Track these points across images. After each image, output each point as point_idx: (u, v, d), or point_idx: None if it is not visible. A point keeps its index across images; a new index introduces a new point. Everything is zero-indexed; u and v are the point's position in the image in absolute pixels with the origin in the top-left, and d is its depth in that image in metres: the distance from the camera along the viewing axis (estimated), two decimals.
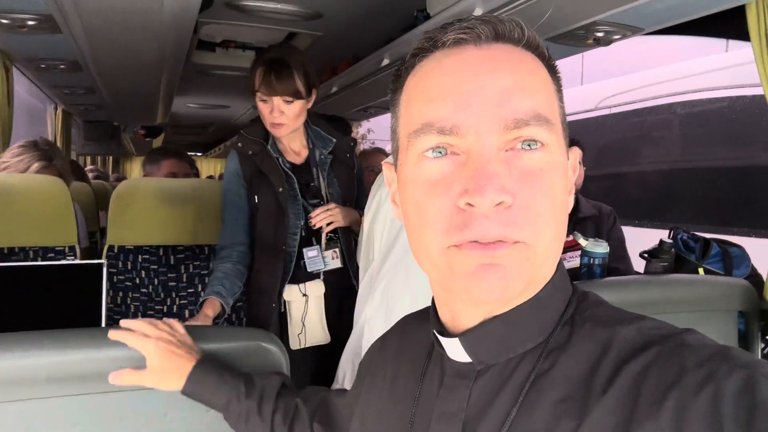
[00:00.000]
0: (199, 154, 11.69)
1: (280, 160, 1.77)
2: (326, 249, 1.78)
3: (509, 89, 0.50)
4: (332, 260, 1.78)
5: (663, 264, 1.57)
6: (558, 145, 0.52)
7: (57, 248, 1.80)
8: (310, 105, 1.73)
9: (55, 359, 0.93)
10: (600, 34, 1.84)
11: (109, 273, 1.70)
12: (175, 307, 1.94)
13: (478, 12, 1.75)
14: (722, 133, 4.05)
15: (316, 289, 1.76)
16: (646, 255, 1.60)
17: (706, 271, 1.67)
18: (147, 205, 1.92)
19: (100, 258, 2.00)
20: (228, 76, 3.49)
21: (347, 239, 1.83)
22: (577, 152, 0.59)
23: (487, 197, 0.47)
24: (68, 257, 1.79)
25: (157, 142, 6.04)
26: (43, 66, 2.61)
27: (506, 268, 0.49)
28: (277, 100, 1.66)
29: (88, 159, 6.03)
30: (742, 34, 1.48)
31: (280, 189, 1.74)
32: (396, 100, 0.59)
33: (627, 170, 4.62)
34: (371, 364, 0.74)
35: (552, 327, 0.55)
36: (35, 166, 2.06)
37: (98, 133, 4.76)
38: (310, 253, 1.75)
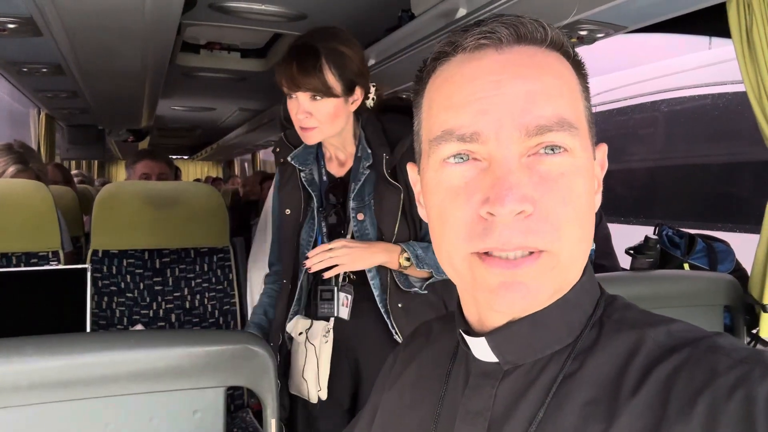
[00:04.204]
0: (185, 157, 11.62)
1: (316, 171, 1.53)
2: (340, 290, 1.47)
3: (531, 95, 0.49)
4: (342, 306, 1.46)
5: (648, 260, 1.59)
6: (582, 148, 0.52)
7: (40, 253, 1.78)
8: (354, 105, 1.41)
9: (37, 366, 0.91)
10: (583, 33, 1.85)
11: (93, 278, 1.68)
12: (161, 311, 1.93)
13: (461, 12, 1.75)
14: (706, 129, 4.09)
15: (322, 330, 1.46)
16: (631, 251, 1.61)
17: (692, 267, 1.69)
18: (131, 209, 1.91)
19: (85, 263, 1.98)
20: (213, 78, 3.47)
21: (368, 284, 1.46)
22: (604, 148, 0.59)
23: (507, 207, 0.47)
24: (52, 262, 1.77)
25: (143, 145, 6.00)
26: (25, 69, 2.58)
27: (528, 285, 0.49)
28: (303, 97, 1.35)
29: (73, 163, 5.97)
30: (724, 32, 1.49)
31: (288, 210, 1.51)
32: (418, 102, 0.59)
33: (613, 168, 4.65)
34: (393, 367, 0.72)
35: (580, 329, 0.54)
36: (11, 169, 2.04)
37: (82, 138, 4.71)
38: (324, 295, 1.47)
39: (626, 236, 2.08)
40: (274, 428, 1.07)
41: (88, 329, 1.41)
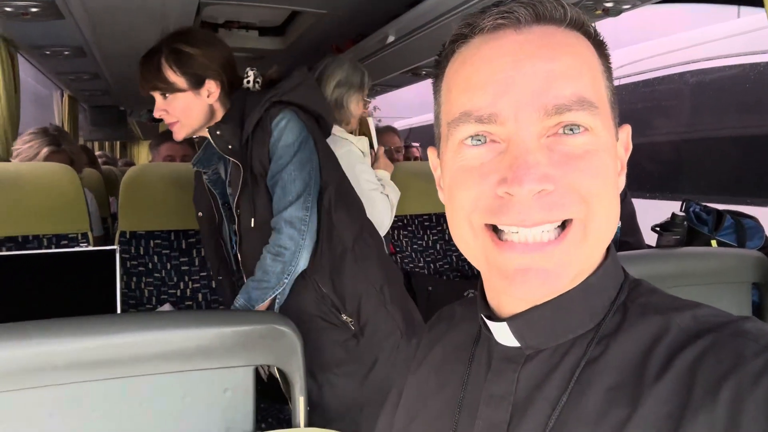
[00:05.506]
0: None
1: (222, 168, 1.58)
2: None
3: (550, 74, 0.49)
4: None
5: (675, 237, 1.56)
6: (604, 126, 0.51)
7: (70, 235, 1.82)
8: (212, 98, 1.48)
9: (73, 346, 0.94)
10: (609, 4, 1.81)
11: (122, 258, 1.72)
12: (188, 290, 1.97)
13: None
14: (736, 101, 3.98)
15: None
16: (658, 228, 1.59)
17: (719, 243, 1.66)
18: (157, 191, 1.94)
19: (113, 244, 2.02)
20: None
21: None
22: (628, 129, 0.57)
23: (525, 187, 0.47)
24: (81, 244, 1.81)
25: (163, 125, 6.03)
26: (47, 53, 2.61)
27: (550, 270, 0.49)
28: (156, 97, 1.47)
29: (96, 144, 6.04)
30: (754, 0, 1.44)
31: (200, 213, 1.63)
32: (437, 86, 0.58)
33: (639, 141, 4.56)
34: (417, 351, 0.73)
35: (603, 313, 0.54)
36: (45, 150, 2.09)
37: (104, 119, 4.76)
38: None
39: (652, 210, 2.06)
40: (302, 405, 1.09)
41: (119, 309, 1.45)
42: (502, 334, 0.56)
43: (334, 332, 1.47)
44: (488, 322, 0.58)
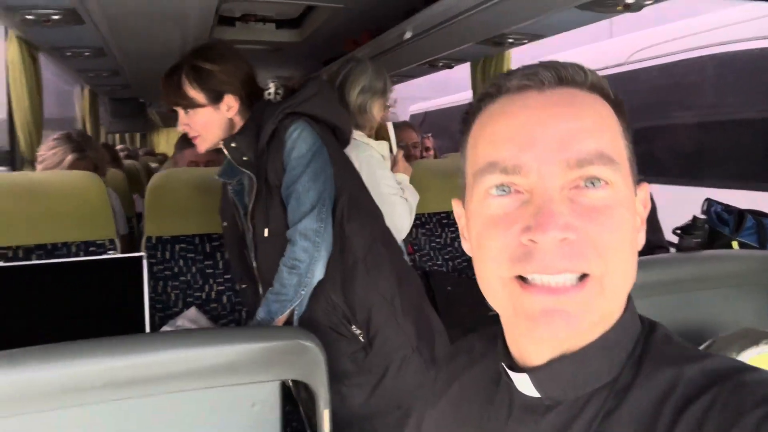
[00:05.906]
0: None
1: (246, 179, 1.57)
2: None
3: (572, 132, 0.52)
4: None
5: (696, 240, 1.55)
6: (624, 184, 0.53)
7: (98, 242, 1.87)
8: (231, 112, 1.52)
9: (105, 366, 0.97)
10: (630, 1, 1.79)
11: (148, 263, 1.76)
12: (213, 293, 2.01)
13: None
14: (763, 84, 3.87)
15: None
16: (678, 231, 1.58)
17: (741, 245, 1.65)
18: (181, 196, 1.98)
19: (138, 245, 2.07)
20: (249, 51, 3.47)
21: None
22: (646, 188, 0.59)
23: (549, 234, 0.49)
24: (109, 250, 1.86)
25: None
26: (68, 54, 2.64)
27: (571, 313, 0.51)
28: (180, 112, 1.52)
29: (117, 137, 6.12)
30: None
31: (225, 223, 1.66)
32: (464, 141, 0.61)
33: (659, 124, 4.49)
34: (435, 384, 0.75)
35: (620, 366, 0.55)
36: (69, 158, 2.13)
37: (125, 111, 4.83)
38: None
39: (674, 200, 2.03)
40: (326, 419, 1.13)
41: (147, 313, 1.49)
42: (523, 385, 0.58)
43: (343, 344, 1.47)
44: (510, 372, 0.60)
